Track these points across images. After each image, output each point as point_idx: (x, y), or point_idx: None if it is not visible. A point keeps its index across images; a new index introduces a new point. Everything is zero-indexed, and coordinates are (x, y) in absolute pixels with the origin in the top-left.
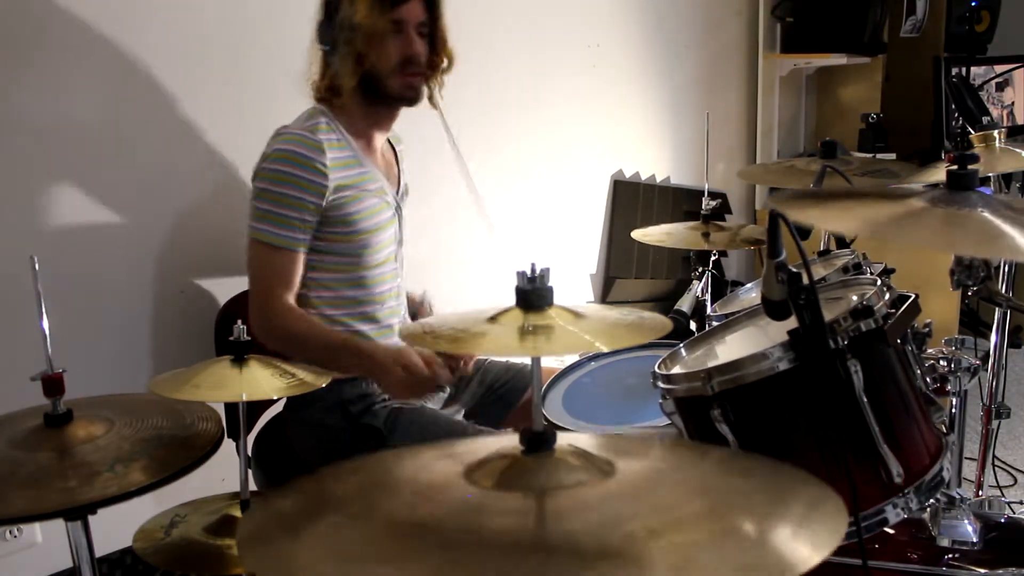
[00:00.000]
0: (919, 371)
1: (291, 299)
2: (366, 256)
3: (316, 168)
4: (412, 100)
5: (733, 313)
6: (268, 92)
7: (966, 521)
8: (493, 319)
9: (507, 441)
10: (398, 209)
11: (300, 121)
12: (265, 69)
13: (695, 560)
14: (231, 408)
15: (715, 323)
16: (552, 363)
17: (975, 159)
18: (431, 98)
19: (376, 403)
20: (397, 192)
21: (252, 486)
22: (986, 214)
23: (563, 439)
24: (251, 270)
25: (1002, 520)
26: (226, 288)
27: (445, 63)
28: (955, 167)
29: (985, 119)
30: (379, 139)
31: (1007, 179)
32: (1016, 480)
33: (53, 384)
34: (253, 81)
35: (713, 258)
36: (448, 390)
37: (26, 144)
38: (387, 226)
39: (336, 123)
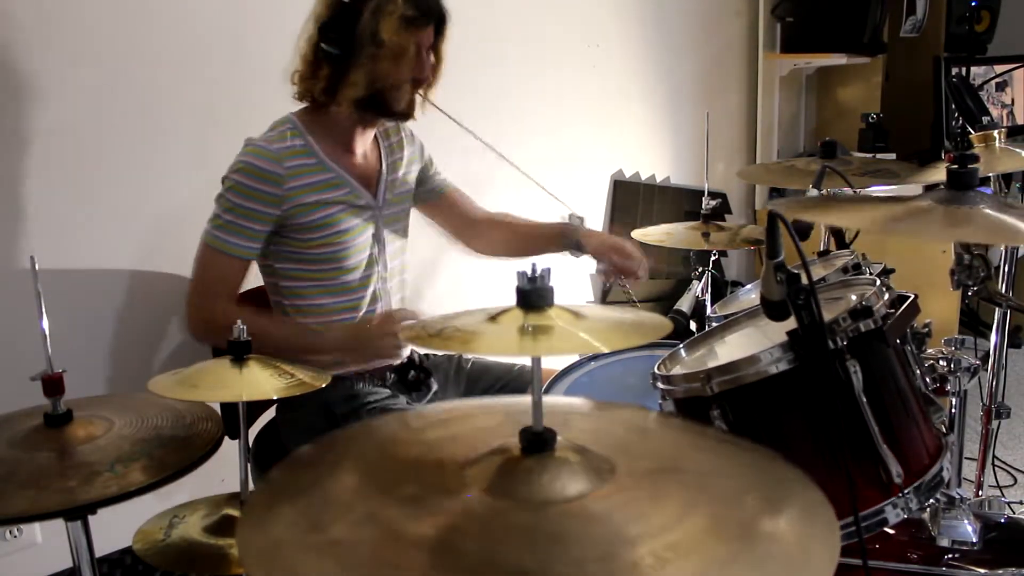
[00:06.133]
0: (919, 371)
1: (232, 302)
2: (337, 262)
3: (271, 179)
4: (407, 117)
5: (733, 313)
6: (270, 94)
7: (966, 521)
8: (493, 319)
9: (506, 441)
10: (376, 212)
11: (268, 130)
12: (266, 71)
13: None
14: (230, 408)
15: (715, 323)
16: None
17: (975, 159)
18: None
19: (360, 405)
20: (375, 195)
21: (252, 486)
22: (988, 210)
23: (562, 435)
24: (197, 270)
25: (1002, 520)
26: None
27: (433, 81)
28: (955, 167)
29: (985, 119)
30: (361, 142)
31: (1007, 179)
32: (1016, 480)
33: (53, 384)
34: (254, 83)
35: (713, 258)
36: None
37: (26, 145)
38: (358, 231)
39: (303, 129)
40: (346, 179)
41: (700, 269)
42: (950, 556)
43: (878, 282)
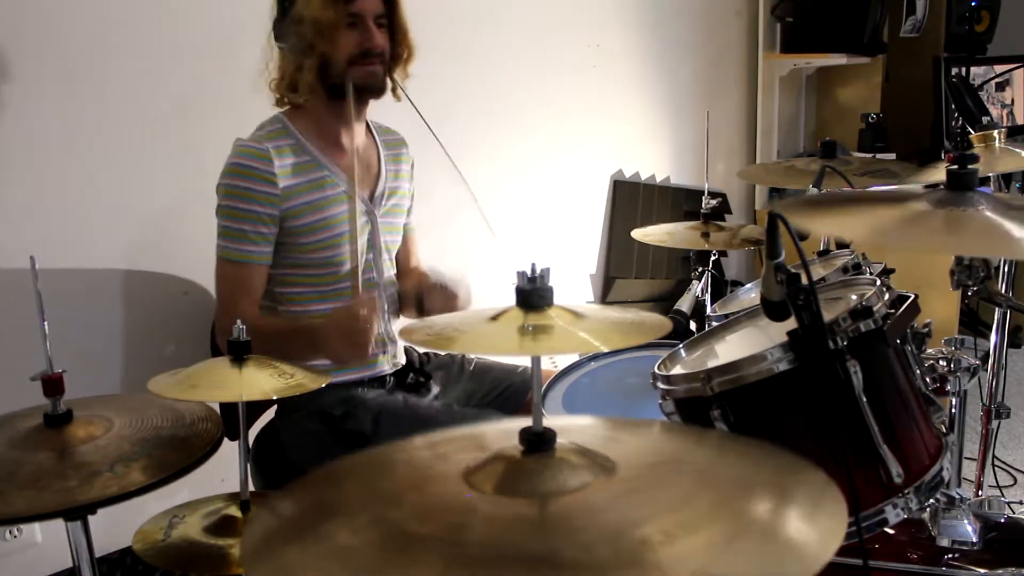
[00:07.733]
0: (919, 371)
1: (254, 308)
2: (333, 267)
3: (264, 178)
4: (375, 91)
5: (733, 313)
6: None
7: (966, 521)
8: (493, 319)
9: (506, 442)
10: (371, 214)
11: (256, 130)
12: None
13: (717, 566)
14: (229, 408)
15: (715, 323)
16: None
17: (975, 159)
18: (394, 91)
19: (357, 407)
20: (372, 196)
21: (251, 486)
22: (987, 212)
23: (562, 435)
24: (216, 284)
25: (1002, 520)
26: None
27: (406, 54)
28: (955, 167)
29: (985, 119)
30: (349, 137)
31: (1007, 179)
32: (1016, 480)
33: (53, 384)
34: (252, 84)
35: (713, 258)
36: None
37: (27, 145)
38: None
39: (292, 127)
40: (341, 177)
41: (700, 269)
42: (950, 556)
43: (878, 282)
